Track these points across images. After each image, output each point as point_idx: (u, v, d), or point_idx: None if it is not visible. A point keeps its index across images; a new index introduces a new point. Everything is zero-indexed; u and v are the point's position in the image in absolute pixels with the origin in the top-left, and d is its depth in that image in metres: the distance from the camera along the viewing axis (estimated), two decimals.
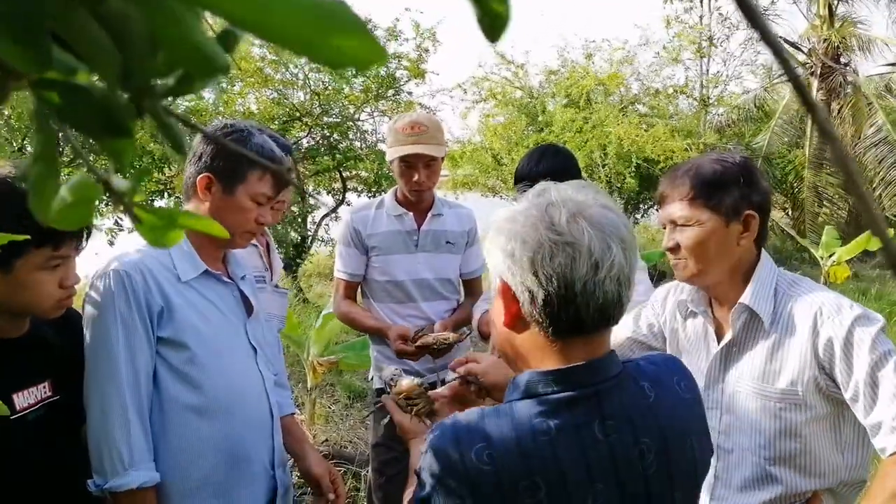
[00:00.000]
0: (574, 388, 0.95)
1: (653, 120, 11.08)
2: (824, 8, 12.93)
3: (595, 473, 0.93)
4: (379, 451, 2.67)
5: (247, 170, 1.59)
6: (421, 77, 8.34)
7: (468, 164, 12.46)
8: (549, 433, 0.92)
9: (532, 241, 0.93)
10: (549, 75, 12.20)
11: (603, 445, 0.95)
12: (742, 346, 1.57)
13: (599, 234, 0.93)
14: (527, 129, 11.81)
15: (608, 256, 0.92)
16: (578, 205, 0.95)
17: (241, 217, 1.61)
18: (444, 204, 2.71)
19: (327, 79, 8.09)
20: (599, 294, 0.92)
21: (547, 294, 0.92)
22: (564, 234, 0.92)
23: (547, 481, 0.91)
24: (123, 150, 0.33)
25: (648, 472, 0.97)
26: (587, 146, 10.41)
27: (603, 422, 0.96)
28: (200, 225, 0.42)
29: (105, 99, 0.30)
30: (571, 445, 0.93)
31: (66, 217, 0.41)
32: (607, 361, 1.00)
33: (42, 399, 1.45)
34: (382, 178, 8.13)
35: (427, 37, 8.23)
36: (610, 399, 0.97)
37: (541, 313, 0.95)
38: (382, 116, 8.91)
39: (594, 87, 11.10)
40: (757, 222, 1.51)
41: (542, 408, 0.94)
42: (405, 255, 2.57)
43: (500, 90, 12.13)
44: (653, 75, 11.90)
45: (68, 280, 1.39)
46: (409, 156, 2.44)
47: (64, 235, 1.33)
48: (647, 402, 1.00)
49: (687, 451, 1.02)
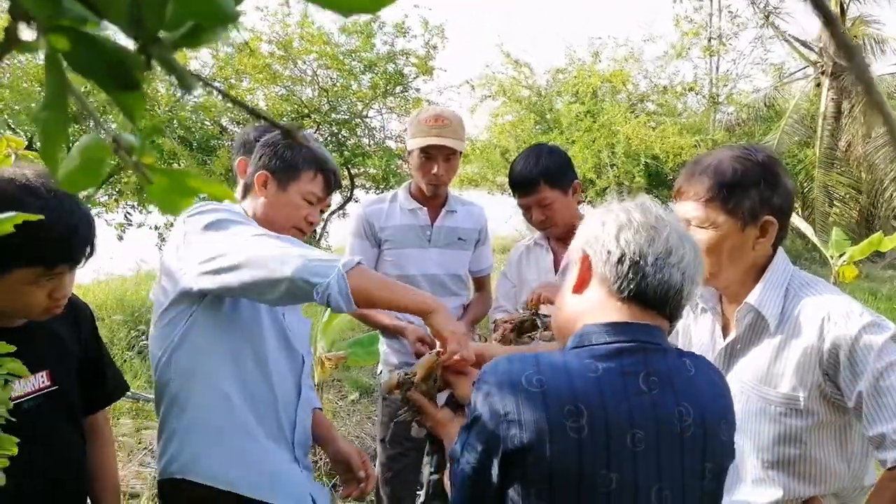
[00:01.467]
0: (624, 341, 1.05)
1: (661, 118, 11.05)
2: (836, 7, 12.83)
3: (636, 418, 1.01)
4: (386, 446, 2.67)
5: (301, 170, 1.72)
6: (429, 74, 8.34)
7: (476, 161, 12.46)
8: (597, 372, 1.02)
9: (623, 218, 1.10)
10: (556, 74, 12.18)
11: (646, 396, 1.02)
12: (746, 345, 1.52)
13: (677, 232, 1.10)
14: (535, 127, 11.80)
15: (681, 250, 1.07)
16: (667, 216, 1.12)
17: (291, 213, 1.74)
18: (457, 201, 2.72)
19: (336, 75, 8.11)
20: (667, 274, 1.06)
21: (622, 255, 1.07)
22: (650, 220, 1.09)
23: (590, 408, 0.98)
24: (134, 104, 0.33)
25: (686, 434, 1.04)
26: (595, 145, 10.39)
27: (648, 377, 1.04)
28: (211, 189, 0.42)
29: (115, 50, 0.30)
30: (616, 386, 1.01)
31: (75, 179, 0.41)
32: (657, 331, 1.10)
33: (39, 388, 1.45)
34: (390, 175, 8.13)
35: (435, 33, 8.23)
36: (655, 359, 1.06)
37: (612, 269, 1.08)
38: (390, 113, 8.92)
39: (600, 84, 11.07)
40: (775, 228, 1.45)
41: (593, 353, 1.05)
42: (417, 249, 2.57)
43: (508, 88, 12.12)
44: (659, 71, 11.86)
45: (57, 293, 1.37)
46: (429, 147, 2.44)
47: (58, 260, 1.32)
48: (689, 375, 1.09)
49: (720, 431, 1.09)
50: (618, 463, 0.98)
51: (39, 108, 0.31)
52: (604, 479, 0.98)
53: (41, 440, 1.44)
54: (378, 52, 8.21)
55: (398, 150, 8.47)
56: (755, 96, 14.58)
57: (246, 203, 1.78)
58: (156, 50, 0.30)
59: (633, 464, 0.99)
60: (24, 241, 1.23)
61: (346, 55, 7.99)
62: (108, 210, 6.91)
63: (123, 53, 0.30)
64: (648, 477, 1.00)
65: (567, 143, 11.09)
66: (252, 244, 1.46)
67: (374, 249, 2.60)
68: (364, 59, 8.11)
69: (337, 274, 1.39)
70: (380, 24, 8.08)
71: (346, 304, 1.41)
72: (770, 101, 14.39)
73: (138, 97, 0.32)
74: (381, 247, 2.59)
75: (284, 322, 1.76)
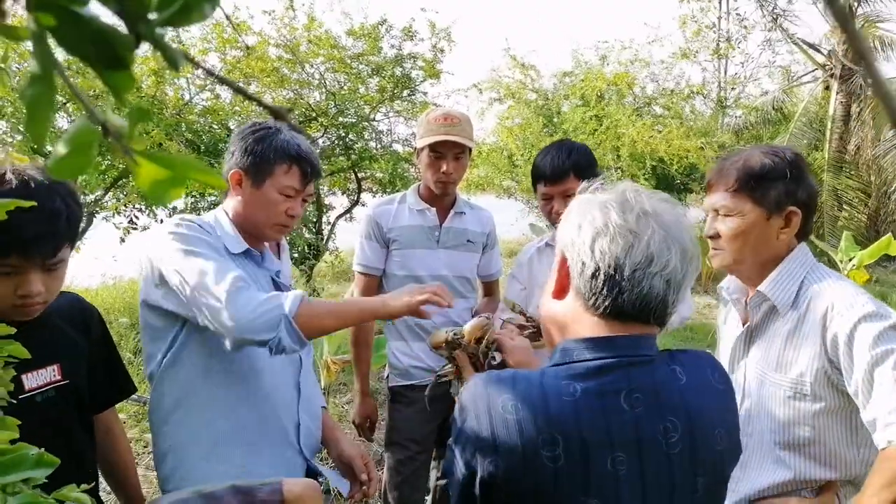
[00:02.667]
0: (604, 357, 0.99)
1: (668, 121, 11.01)
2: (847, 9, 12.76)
3: (616, 440, 0.96)
4: (394, 450, 2.66)
5: (274, 164, 1.67)
6: (436, 77, 8.33)
7: (483, 164, 12.45)
8: (574, 395, 0.96)
9: (600, 221, 1.00)
10: (563, 77, 12.17)
11: (627, 415, 0.97)
12: (762, 333, 1.61)
13: (663, 233, 0.99)
14: (542, 130, 11.79)
15: (664, 256, 0.98)
16: (654, 207, 1.01)
17: (270, 210, 1.70)
18: (466, 204, 2.72)
19: (343, 79, 8.12)
20: (646, 285, 0.98)
21: (597, 268, 0.99)
22: (630, 223, 0.99)
23: (565, 435, 0.94)
24: (122, 84, 0.32)
25: (672, 451, 0.99)
26: (601, 148, 10.36)
27: (630, 394, 0.98)
28: (204, 176, 0.41)
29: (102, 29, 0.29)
30: (594, 409, 0.96)
31: (65, 165, 0.40)
32: (642, 341, 1.03)
33: (51, 381, 1.46)
34: (397, 178, 8.13)
35: (442, 37, 8.23)
36: (640, 374, 1.00)
37: (587, 284, 1.01)
38: (398, 117, 8.92)
39: (605, 87, 11.06)
40: (799, 218, 1.54)
41: (571, 372, 0.99)
42: (426, 249, 2.57)
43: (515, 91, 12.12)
44: (665, 73, 11.85)
45: (22, 289, 1.34)
46: (438, 144, 2.44)
47: (10, 249, 1.29)
48: (678, 385, 1.02)
49: (714, 441, 1.03)
50: (598, 488, 0.95)
51: (26, 85, 0.31)
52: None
53: (55, 432, 1.45)
54: (385, 56, 8.21)
55: (405, 154, 8.47)
56: (763, 99, 14.51)
57: (227, 204, 1.75)
58: (143, 28, 0.29)
59: (616, 487, 0.95)
60: None
61: (353, 59, 8.00)
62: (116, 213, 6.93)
63: (111, 32, 0.29)
64: (633, 499, 0.96)
65: None
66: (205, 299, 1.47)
67: (383, 250, 2.60)
68: (371, 62, 8.12)
69: (284, 324, 1.44)
70: (387, 28, 8.09)
71: (299, 344, 1.48)
72: (778, 104, 14.32)
73: (126, 76, 0.32)
74: (389, 248, 2.59)
75: None
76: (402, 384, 2.67)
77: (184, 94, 6.91)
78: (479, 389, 1.01)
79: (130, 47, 0.30)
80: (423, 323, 2.58)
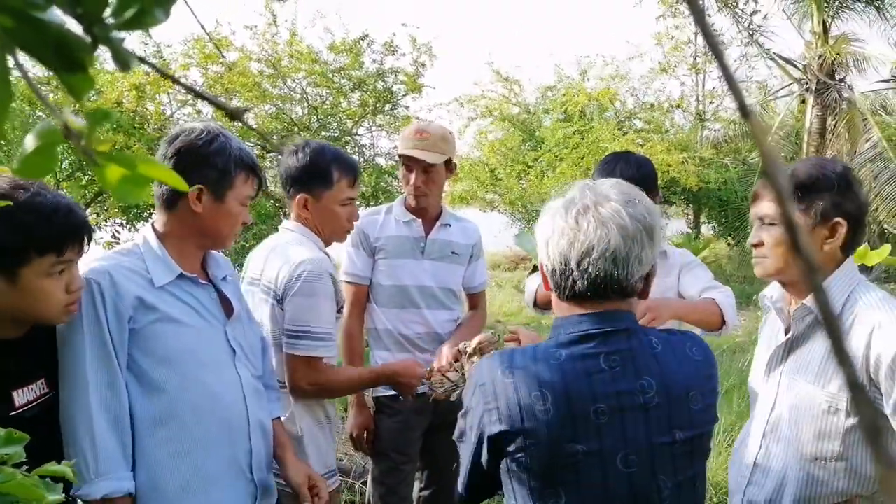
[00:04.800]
0: (584, 330, 1.17)
1: (649, 135, 11.15)
2: (819, 25, 13.05)
3: (597, 393, 1.13)
4: (378, 460, 2.64)
5: (234, 175, 1.63)
6: (418, 91, 8.40)
7: (466, 178, 12.52)
8: (559, 359, 1.15)
9: (549, 227, 1.20)
10: (546, 91, 12.30)
11: (606, 374, 1.15)
12: (803, 344, 1.61)
13: (600, 225, 1.15)
14: (523, 145, 11.89)
15: (603, 240, 1.14)
16: (596, 199, 1.18)
17: (232, 221, 1.67)
18: (452, 216, 2.74)
19: (325, 93, 8.15)
20: (592, 271, 1.15)
21: (553, 267, 1.19)
22: (570, 222, 1.17)
23: (553, 392, 1.13)
24: (80, 85, 0.34)
25: (649, 405, 1.15)
26: (583, 163, 10.47)
27: (608, 356, 1.16)
28: (163, 175, 0.43)
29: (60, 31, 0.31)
30: (576, 369, 1.15)
31: (31, 165, 0.42)
32: (616, 316, 1.19)
33: (39, 396, 1.45)
34: (380, 192, 8.16)
35: (424, 51, 8.31)
36: (616, 341, 1.18)
37: (552, 280, 1.22)
38: (380, 130, 8.97)
39: (587, 103, 11.20)
40: (844, 230, 1.52)
41: (557, 342, 1.18)
42: (411, 260, 2.58)
43: (496, 106, 12.22)
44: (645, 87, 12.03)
45: (73, 284, 1.39)
46: (407, 158, 2.49)
47: (66, 241, 1.34)
48: (653, 352, 1.19)
49: (688, 401, 1.19)
50: (584, 435, 1.12)
51: None
52: (571, 451, 1.12)
53: (44, 446, 1.43)
54: (367, 71, 8.27)
55: (388, 167, 8.51)
56: None
57: (159, 220, 1.65)
58: (99, 31, 0.31)
59: (598, 434, 1.13)
60: (26, 235, 1.28)
61: (335, 73, 8.05)
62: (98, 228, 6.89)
63: (68, 34, 0.31)
64: (614, 445, 1.13)
65: (556, 160, 11.18)
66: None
67: (370, 259, 2.62)
68: (353, 77, 8.17)
69: None
70: (368, 43, 8.15)
71: None
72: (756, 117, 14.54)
73: (84, 78, 0.33)
74: (375, 257, 2.61)
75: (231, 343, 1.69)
76: (387, 395, 2.66)
77: (165, 110, 6.90)
78: (483, 365, 1.23)
79: (88, 50, 0.32)
80: (407, 334, 2.60)
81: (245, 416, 1.69)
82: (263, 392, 1.84)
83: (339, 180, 2.10)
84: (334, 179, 2.09)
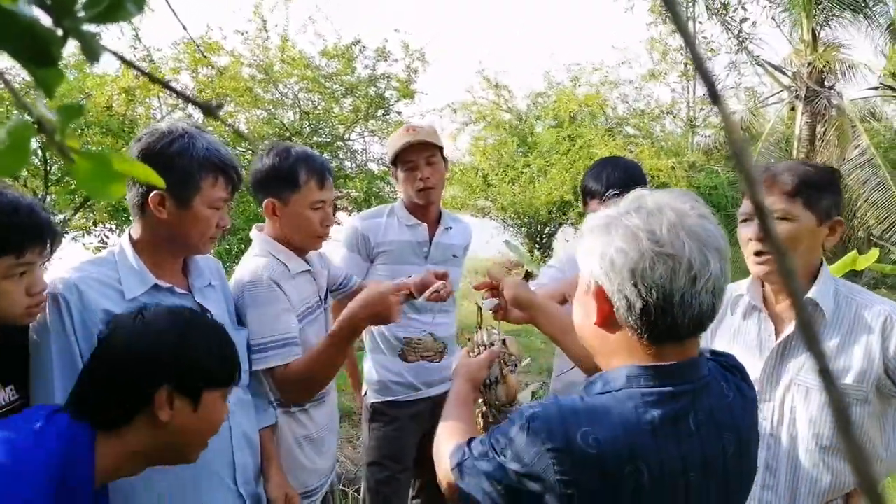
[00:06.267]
0: (673, 384, 0.98)
1: (640, 141, 11.21)
2: (808, 33, 13.16)
3: (688, 464, 0.97)
4: (374, 469, 2.61)
5: (199, 178, 1.54)
6: (410, 97, 8.40)
7: (457, 185, 12.53)
8: (652, 423, 0.95)
9: (633, 251, 0.94)
10: (536, 98, 12.34)
11: (695, 439, 0.98)
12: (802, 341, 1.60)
13: (699, 245, 0.94)
14: (516, 150, 11.91)
15: (706, 270, 0.94)
16: (678, 214, 0.96)
17: (202, 226, 1.58)
18: (452, 218, 2.75)
19: (317, 98, 8.14)
20: (696, 305, 0.95)
21: (645, 304, 0.95)
22: (665, 245, 0.93)
23: (648, 467, 0.93)
24: (51, 79, 0.33)
25: (728, 466, 1.02)
26: (574, 168, 10.49)
27: (696, 416, 0.99)
28: (137, 171, 0.43)
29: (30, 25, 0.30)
30: (669, 436, 0.96)
31: (3, 162, 0.41)
32: (699, 362, 1.03)
33: (9, 402, 1.43)
34: (372, 197, 8.14)
35: (416, 57, 8.32)
36: (700, 396, 1.01)
37: (637, 320, 0.97)
38: (372, 136, 8.96)
39: (577, 108, 11.25)
40: (843, 229, 1.60)
41: (644, 399, 0.97)
42: (414, 266, 2.56)
43: (489, 112, 12.26)
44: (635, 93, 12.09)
45: (34, 287, 1.35)
46: (407, 153, 2.46)
47: (25, 242, 1.29)
48: (727, 402, 1.04)
49: (753, 453, 1.09)
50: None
51: None
52: None
53: None
54: (359, 76, 8.26)
55: (380, 173, 8.50)
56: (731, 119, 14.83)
57: (135, 228, 1.59)
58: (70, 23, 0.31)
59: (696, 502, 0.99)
60: None
61: (327, 78, 8.04)
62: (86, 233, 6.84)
63: (38, 27, 0.31)
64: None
65: (546, 165, 11.21)
66: None
67: (366, 264, 2.59)
68: (345, 82, 8.16)
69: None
70: (361, 48, 8.15)
71: None
72: (746, 124, 14.65)
73: (55, 73, 0.33)
74: (373, 261, 2.59)
75: None
76: (382, 400, 2.64)
77: (155, 114, 6.87)
78: (553, 412, 0.97)
79: (58, 43, 0.31)
80: (405, 337, 2.58)
81: (227, 427, 1.64)
82: (250, 402, 1.80)
83: (307, 182, 1.94)
84: (301, 181, 1.93)
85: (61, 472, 1.09)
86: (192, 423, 1.23)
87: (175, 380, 1.19)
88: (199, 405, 1.23)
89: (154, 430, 1.19)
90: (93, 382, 1.21)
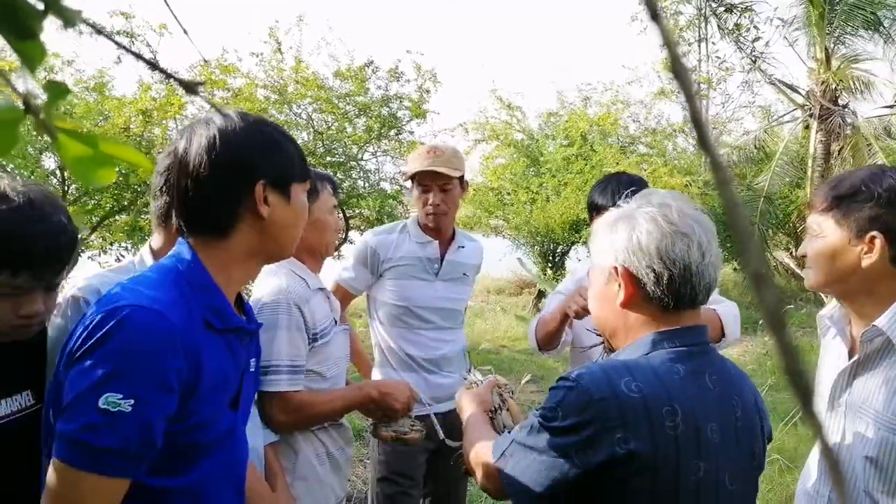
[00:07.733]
0: (690, 344, 1.18)
1: (653, 159, 11.20)
2: (821, 51, 13.13)
3: (709, 413, 1.13)
4: (384, 485, 2.59)
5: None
6: (422, 117, 8.47)
7: (471, 203, 12.56)
8: (680, 374, 1.13)
9: (657, 231, 1.16)
10: (549, 118, 12.39)
11: (713, 393, 1.16)
12: (870, 368, 1.49)
13: (701, 227, 1.17)
14: (528, 170, 11.94)
15: (711, 246, 1.16)
16: (680, 205, 1.19)
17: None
18: (465, 237, 2.76)
19: (330, 119, 8.23)
20: (707, 275, 1.16)
21: (671, 274, 1.15)
22: (680, 226, 1.15)
23: (682, 408, 1.09)
24: (32, 53, 0.34)
25: (738, 424, 1.18)
26: (587, 187, 10.48)
27: (711, 375, 1.18)
28: (129, 156, 0.43)
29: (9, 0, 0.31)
30: (693, 386, 1.14)
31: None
32: (704, 329, 1.23)
33: (25, 408, 1.43)
34: (385, 216, 8.18)
35: (428, 77, 8.40)
36: (711, 359, 1.20)
37: (665, 290, 1.16)
38: (385, 155, 9.03)
39: (589, 128, 11.28)
40: (881, 243, 1.43)
41: (671, 356, 1.15)
42: (423, 282, 2.57)
43: (501, 131, 12.32)
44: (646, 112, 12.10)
45: (23, 310, 1.33)
46: (423, 177, 2.47)
47: (22, 266, 1.27)
48: (730, 373, 1.24)
49: (754, 418, 1.23)
50: (706, 452, 1.11)
51: None
52: (694, 468, 1.09)
53: (29, 459, 1.41)
54: (372, 97, 8.35)
55: (393, 192, 8.55)
56: (745, 138, 14.79)
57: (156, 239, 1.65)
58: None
59: (715, 453, 1.12)
60: None
61: (340, 99, 8.13)
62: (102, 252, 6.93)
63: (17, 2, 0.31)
64: (725, 463, 1.13)
65: (559, 185, 11.21)
66: None
67: (372, 277, 2.60)
68: (358, 103, 8.25)
69: None
70: (373, 69, 8.24)
71: None
72: (760, 143, 14.59)
73: (36, 46, 0.34)
74: (381, 276, 2.59)
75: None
76: None
77: (171, 135, 6.97)
78: (596, 373, 1.11)
79: (38, 17, 0.32)
80: (413, 353, 2.58)
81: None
82: (256, 415, 1.79)
83: (323, 189, 2.04)
84: (318, 188, 2.02)
85: (186, 279, 1.23)
86: (288, 215, 1.33)
87: (269, 175, 1.28)
88: (290, 198, 1.33)
89: (257, 228, 1.29)
90: (192, 199, 1.26)
